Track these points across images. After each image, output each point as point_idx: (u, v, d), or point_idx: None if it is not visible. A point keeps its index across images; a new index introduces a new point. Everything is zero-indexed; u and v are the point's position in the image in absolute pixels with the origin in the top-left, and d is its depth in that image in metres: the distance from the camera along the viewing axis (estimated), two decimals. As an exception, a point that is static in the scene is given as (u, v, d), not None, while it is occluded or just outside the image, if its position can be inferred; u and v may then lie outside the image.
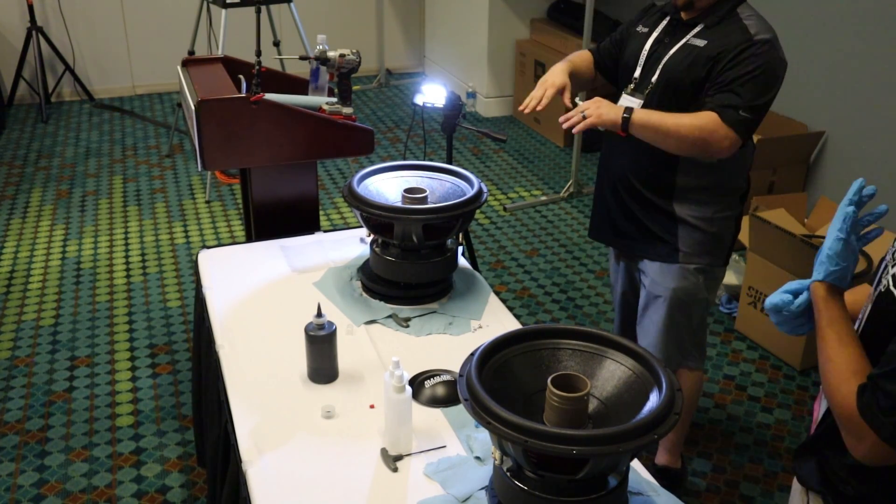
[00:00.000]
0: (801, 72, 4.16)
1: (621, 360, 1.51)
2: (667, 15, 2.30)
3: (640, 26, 2.36)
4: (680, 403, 1.39)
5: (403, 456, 1.65)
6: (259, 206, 2.67)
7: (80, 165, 5.16)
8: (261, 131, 2.49)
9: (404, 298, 2.17)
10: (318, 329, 1.84)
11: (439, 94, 2.90)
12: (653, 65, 2.26)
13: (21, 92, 6.09)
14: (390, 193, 2.23)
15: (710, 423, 3.00)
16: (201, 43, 4.90)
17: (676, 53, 2.21)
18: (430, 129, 5.54)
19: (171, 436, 2.89)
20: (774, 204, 3.78)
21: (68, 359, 3.29)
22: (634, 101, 2.27)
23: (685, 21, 2.24)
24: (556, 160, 5.29)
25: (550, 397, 1.40)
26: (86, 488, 2.66)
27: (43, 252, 4.11)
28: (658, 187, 2.31)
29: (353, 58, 2.57)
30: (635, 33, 2.37)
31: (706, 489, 2.70)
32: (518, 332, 1.57)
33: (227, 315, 2.14)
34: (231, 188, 4.83)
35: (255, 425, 1.75)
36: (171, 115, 5.97)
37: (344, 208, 4.58)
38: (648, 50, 2.28)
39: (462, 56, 6.26)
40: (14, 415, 2.98)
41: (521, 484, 1.42)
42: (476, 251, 4.01)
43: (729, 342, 3.49)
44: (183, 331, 3.48)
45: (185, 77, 2.73)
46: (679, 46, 2.22)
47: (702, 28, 2.20)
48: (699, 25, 2.20)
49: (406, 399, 1.63)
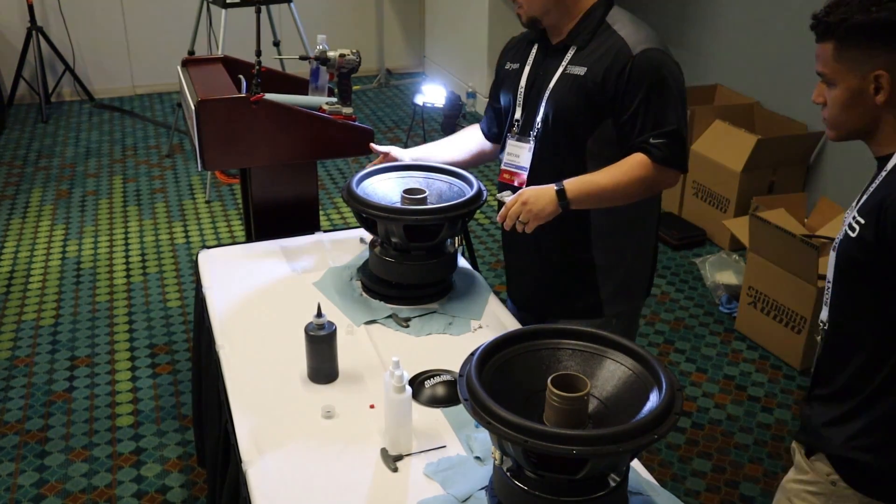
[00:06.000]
0: (801, 71, 4.16)
1: (621, 360, 1.51)
2: (534, 43, 2.07)
3: (508, 63, 2.15)
4: (680, 403, 1.39)
5: (403, 456, 1.65)
6: (259, 206, 2.67)
7: (80, 165, 5.16)
8: (261, 131, 2.49)
9: (404, 298, 2.16)
10: (318, 329, 1.84)
11: (439, 94, 2.90)
12: (534, 103, 2.03)
13: (21, 92, 6.09)
14: (390, 194, 2.23)
15: (710, 423, 3.00)
16: (201, 43, 4.90)
17: (557, 86, 1.98)
18: (430, 129, 5.53)
19: (171, 436, 2.89)
20: (774, 204, 3.78)
21: (68, 359, 3.29)
22: (523, 147, 2.06)
23: (555, 45, 2.01)
24: (556, 160, 5.29)
25: (550, 397, 1.40)
26: (86, 488, 2.66)
27: (43, 252, 4.11)
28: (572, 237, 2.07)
29: (353, 58, 2.57)
30: (506, 72, 2.15)
31: (706, 489, 2.71)
32: (518, 332, 1.57)
33: (227, 315, 2.14)
34: (231, 188, 4.83)
35: (255, 425, 1.75)
36: (171, 115, 5.97)
37: (344, 208, 4.58)
38: (525, 86, 2.06)
39: (462, 56, 6.26)
40: (14, 415, 2.98)
41: (521, 484, 1.42)
42: (476, 251, 4.01)
43: (729, 342, 3.49)
44: (183, 331, 3.48)
45: (185, 77, 2.73)
46: (557, 77, 1.98)
47: (575, 51, 1.97)
48: (571, 49, 1.97)
49: (406, 399, 1.63)
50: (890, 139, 1.50)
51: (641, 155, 1.91)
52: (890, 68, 1.43)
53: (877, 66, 1.43)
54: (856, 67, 1.45)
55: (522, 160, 2.09)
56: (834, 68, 1.48)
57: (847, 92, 1.48)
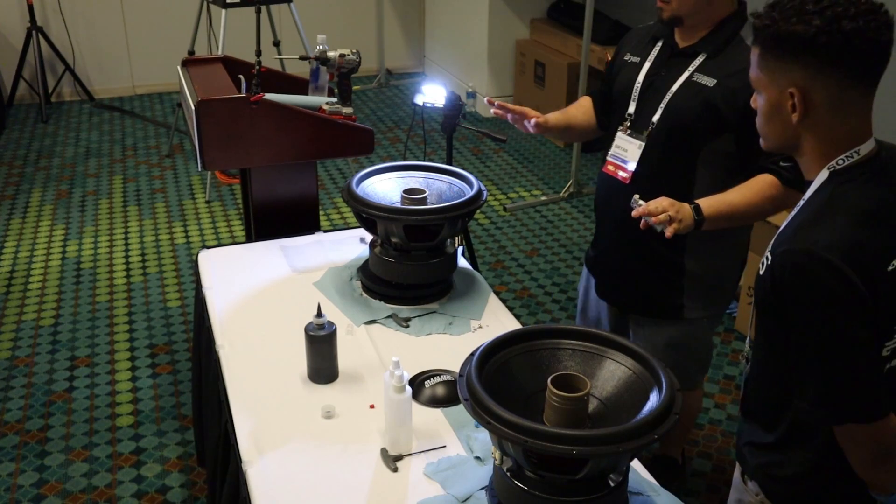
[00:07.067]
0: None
1: (621, 360, 1.51)
2: (658, 40, 2.07)
3: (629, 55, 2.14)
4: (680, 403, 1.39)
5: (403, 456, 1.65)
6: (259, 206, 2.67)
7: (80, 165, 5.16)
8: (261, 131, 2.49)
9: (404, 298, 2.17)
10: (318, 329, 1.84)
11: (439, 94, 2.90)
12: (651, 101, 2.04)
13: (21, 92, 6.09)
14: (390, 194, 2.23)
15: (710, 423, 3.00)
16: (201, 43, 4.90)
17: (681, 92, 1.98)
18: (430, 129, 5.54)
19: (171, 436, 2.89)
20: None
21: (68, 359, 3.29)
22: (633, 143, 2.07)
23: (682, 49, 2.01)
24: (556, 160, 5.29)
25: (550, 397, 1.41)
26: (86, 488, 2.66)
27: (43, 252, 4.11)
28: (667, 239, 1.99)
29: (353, 58, 2.57)
30: (624, 63, 2.14)
31: (706, 489, 2.70)
32: (518, 332, 1.57)
33: (227, 315, 2.14)
34: (231, 188, 4.83)
35: (255, 425, 1.75)
36: (171, 115, 5.97)
37: (344, 208, 4.58)
38: (642, 83, 2.06)
39: (462, 56, 6.26)
40: (14, 415, 2.98)
41: (521, 484, 1.42)
42: (476, 251, 4.01)
43: (729, 342, 3.48)
44: (183, 331, 3.48)
45: (185, 77, 2.73)
46: (682, 83, 1.98)
47: (704, 59, 1.96)
48: (700, 56, 1.97)
49: (406, 399, 1.63)
50: (810, 164, 1.39)
51: (771, 176, 1.92)
52: (803, 86, 1.31)
53: (792, 82, 1.31)
54: (775, 79, 1.34)
55: (630, 155, 2.09)
56: (758, 76, 1.38)
57: (767, 103, 1.37)
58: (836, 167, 1.35)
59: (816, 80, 1.30)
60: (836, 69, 1.29)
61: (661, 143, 2.03)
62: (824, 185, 1.36)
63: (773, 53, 1.33)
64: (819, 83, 1.30)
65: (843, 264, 1.26)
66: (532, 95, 5.62)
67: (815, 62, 1.29)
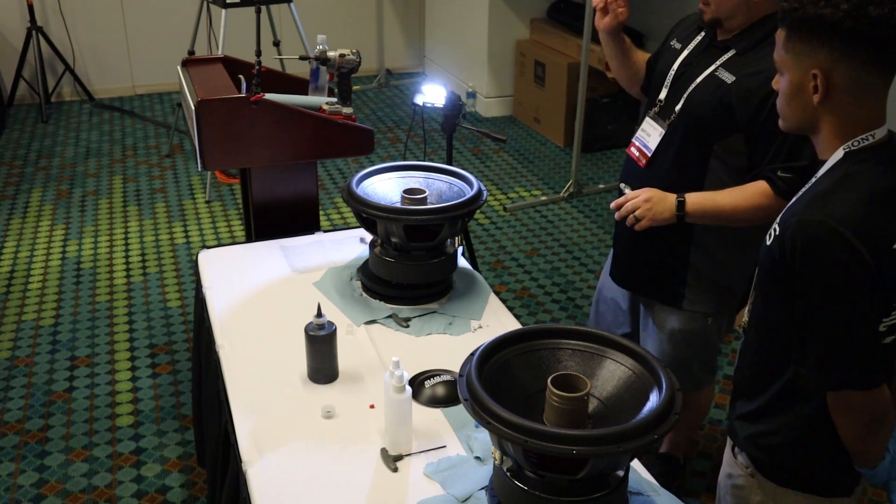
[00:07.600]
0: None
1: (621, 360, 1.51)
2: (701, 30, 2.10)
3: (675, 40, 2.17)
4: (680, 403, 1.39)
5: (403, 456, 1.65)
6: (259, 206, 2.67)
7: (80, 165, 5.16)
8: (261, 131, 2.49)
9: (404, 298, 2.17)
10: (318, 329, 1.84)
11: (439, 94, 2.90)
12: (679, 90, 2.07)
13: (21, 92, 6.09)
14: (390, 194, 2.23)
15: (710, 423, 3.00)
16: (201, 43, 4.90)
17: (702, 84, 2.01)
18: (430, 129, 5.54)
19: (171, 436, 2.89)
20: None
21: (68, 359, 3.29)
22: (657, 128, 2.11)
23: (717, 42, 2.04)
24: (556, 160, 5.29)
25: (550, 397, 1.41)
26: (86, 488, 2.66)
27: (43, 252, 4.11)
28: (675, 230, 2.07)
29: (353, 58, 2.57)
30: (669, 48, 2.18)
31: (706, 489, 2.70)
32: (518, 332, 1.57)
33: (227, 315, 2.14)
34: (231, 188, 4.83)
35: (255, 425, 1.75)
36: (171, 115, 5.97)
37: (344, 208, 4.58)
38: (676, 70, 2.09)
39: (462, 56, 6.26)
40: (14, 415, 2.98)
41: (521, 484, 1.42)
42: (476, 251, 4.01)
43: (729, 342, 3.48)
44: (183, 331, 3.48)
45: (185, 77, 2.73)
46: (705, 76, 2.01)
47: (732, 55, 1.99)
48: (731, 51, 1.99)
49: (406, 399, 1.63)
50: (826, 144, 1.44)
51: (765, 184, 1.93)
52: (827, 69, 1.36)
53: (815, 64, 1.37)
54: (799, 61, 1.40)
55: (651, 141, 2.13)
56: (782, 57, 1.44)
57: (790, 84, 1.43)
58: (852, 148, 1.41)
59: (840, 63, 1.36)
60: (859, 53, 1.34)
61: (679, 131, 2.06)
62: (839, 163, 1.41)
63: (798, 35, 1.39)
64: (842, 66, 1.36)
65: (853, 238, 1.33)
66: (532, 95, 5.62)
67: (840, 46, 1.34)
